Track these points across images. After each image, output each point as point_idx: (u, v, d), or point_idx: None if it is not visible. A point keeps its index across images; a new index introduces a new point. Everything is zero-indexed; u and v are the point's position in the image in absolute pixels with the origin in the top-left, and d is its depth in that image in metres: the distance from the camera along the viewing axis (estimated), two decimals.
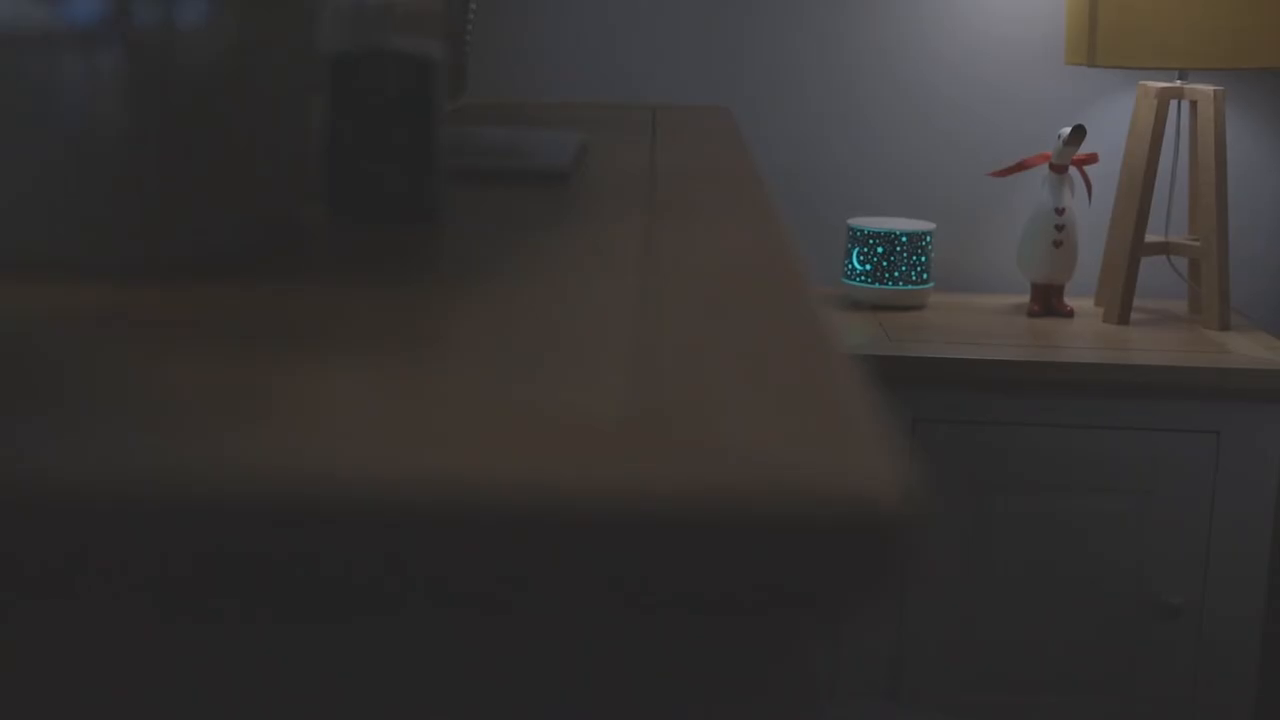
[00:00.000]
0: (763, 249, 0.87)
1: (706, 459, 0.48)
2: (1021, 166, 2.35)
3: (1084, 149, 2.35)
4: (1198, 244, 2.30)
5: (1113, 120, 2.45)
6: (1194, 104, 2.29)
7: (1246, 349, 2.16)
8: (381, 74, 1.00)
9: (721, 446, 0.49)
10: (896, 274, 2.34)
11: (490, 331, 0.67)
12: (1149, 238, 2.31)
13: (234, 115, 0.81)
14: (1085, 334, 2.24)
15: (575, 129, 1.59)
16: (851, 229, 2.37)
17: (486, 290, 0.76)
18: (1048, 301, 2.35)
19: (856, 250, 2.36)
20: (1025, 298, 2.42)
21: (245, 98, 0.82)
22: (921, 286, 2.36)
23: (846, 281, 2.38)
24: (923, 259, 2.35)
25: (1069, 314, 2.34)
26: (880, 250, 2.34)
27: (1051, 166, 2.31)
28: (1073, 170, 2.33)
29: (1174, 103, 2.33)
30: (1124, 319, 2.29)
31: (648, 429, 0.51)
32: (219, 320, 0.67)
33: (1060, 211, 2.31)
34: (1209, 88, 2.26)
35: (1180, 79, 2.32)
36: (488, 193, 1.14)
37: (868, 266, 2.35)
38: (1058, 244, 2.31)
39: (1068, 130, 2.26)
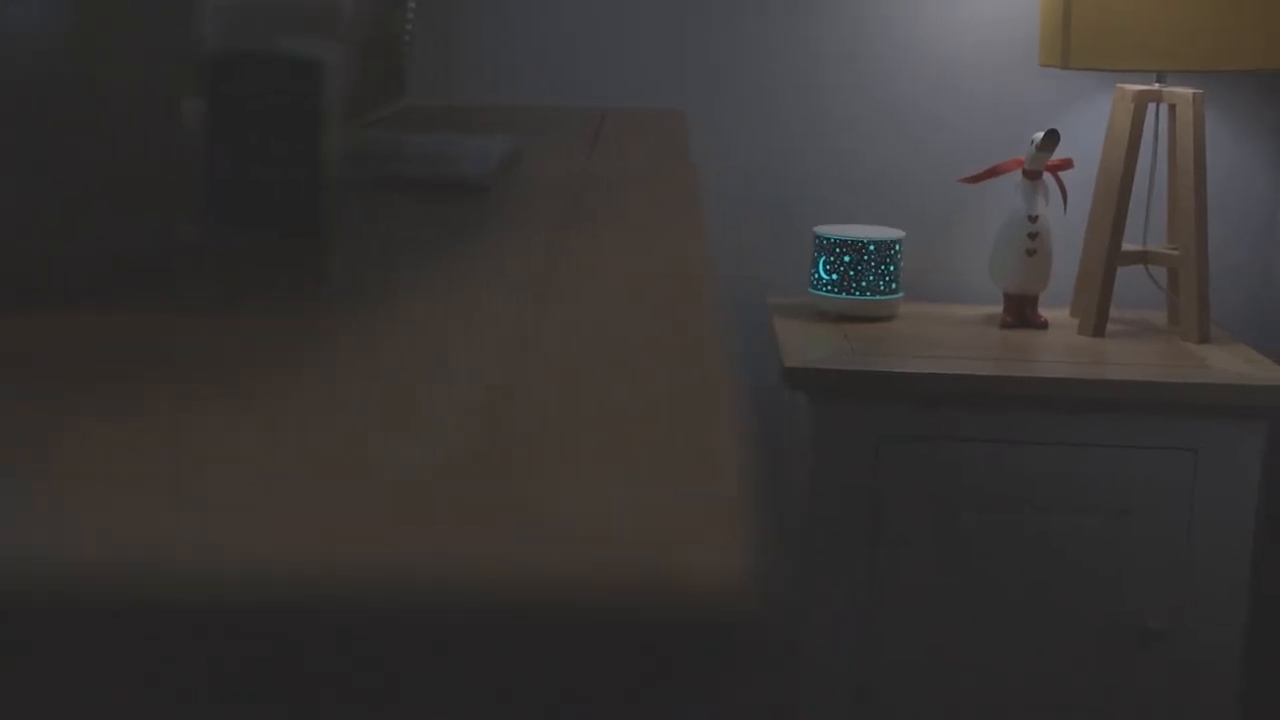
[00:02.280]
0: (670, 277, 0.79)
1: (532, 536, 0.41)
2: (994, 172, 2.26)
3: (1059, 154, 2.26)
4: (1176, 253, 2.21)
5: (1088, 124, 2.37)
6: (1172, 107, 2.21)
7: (1226, 363, 2.08)
8: (261, 77, 0.91)
9: (550, 520, 0.42)
10: (864, 284, 2.26)
11: (327, 370, 0.59)
12: (1126, 246, 2.23)
13: (83, 120, 0.72)
14: (1059, 347, 2.16)
15: (513, 135, 1.50)
16: (818, 237, 2.28)
17: (339, 319, 0.68)
18: (1021, 312, 2.27)
19: (823, 259, 2.27)
20: (998, 308, 2.33)
21: (97, 100, 0.73)
22: (890, 297, 2.27)
23: (813, 291, 2.29)
24: (891, 268, 2.27)
25: (1043, 325, 2.26)
26: (847, 259, 2.25)
27: (1025, 172, 2.23)
28: (1047, 176, 2.25)
29: (1152, 106, 2.24)
30: (1099, 331, 2.21)
31: (473, 499, 0.43)
32: (12, 353, 0.58)
33: (1034, 219, 2.23)
34: (1188, 90, 2.18)
35: (1158, 81, 2.23)
36: (394, 204, 1.06)
37: (834, 276, 2.26)
38: (1031, 253, 2.23)
39: (1040, 135, 2.18)
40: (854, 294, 2.26)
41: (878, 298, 2.26)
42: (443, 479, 0.46)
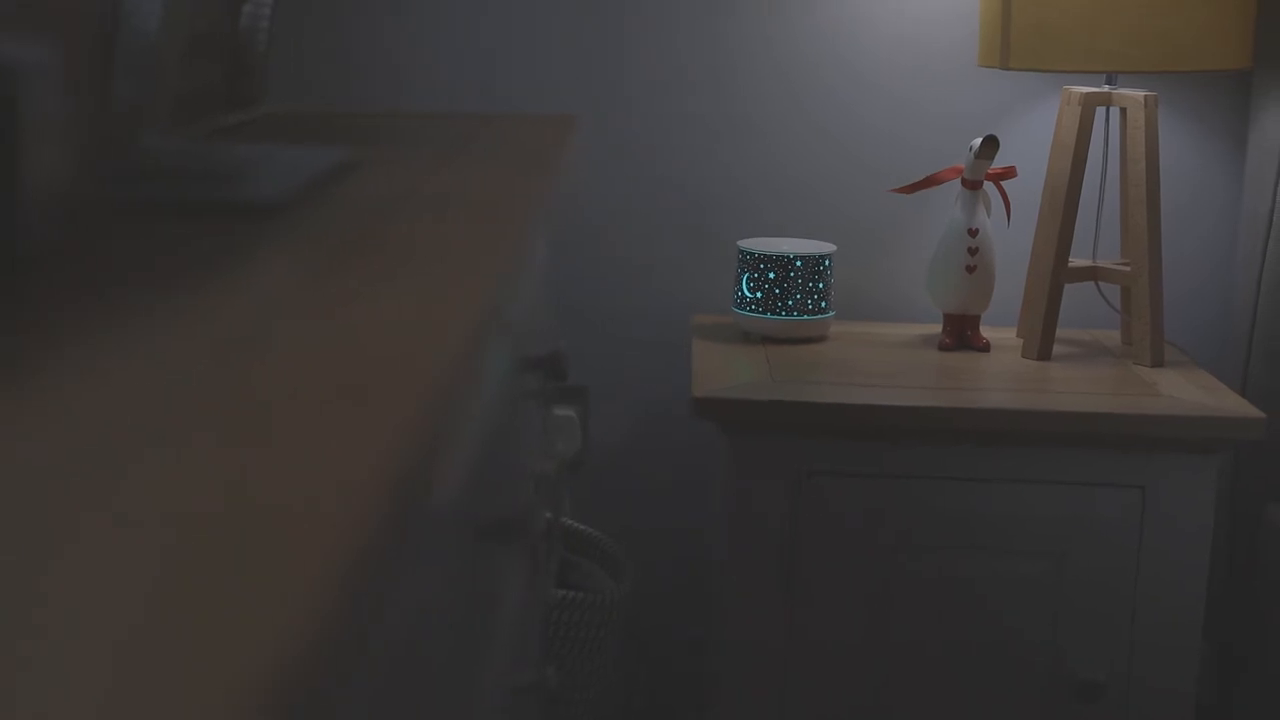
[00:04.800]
0: (407, 360, 0.61)
1: None
2: (930, 182, 2.09)
3: (1001, 161, 2.10)
4: (1128, 269, 2.05)
5: (1033, 129, 2.20)
6: (1123, 111, 2.04)
7: (1179, 390, 1.91)
8: None
9: None
10: (791, 302, 2.08)
11: None
12: (1074, 262, 2.06)
13: None
14: (999, 372, 1.99)
15: (362, 146, 1.33)
16: (741, 252, 2.11)
17: None
18: (961, 333, 2.09)
19: (747, 276, 2.10)
20: (937, 328, 2.15)
21: None
22: (820, 316, 2.10)
23: (737, 311, 2.11)
24: (820, 286, 2.09)
25: (985, 347, 2.09)
26: (772, 276, 2.08)
27: (964, 182, 2.06)
28: (989, 186, 2.08)
29: (1101, 110, 2.07)
30: (1045, 354, 2.04)
31: None
32: None
33: (974, 232, 2.06)
34: (1139, 93, 2.01)
35: (1108, 83, 2.06)
36: (144, 229, 0.88)
37: (759, 294, 2.09)
38: (971, 269, 2.06)
39: (979, 141, 2.01)
40: (780, 314, 2.09)
41: (806, 318, 2.09)
42: None
